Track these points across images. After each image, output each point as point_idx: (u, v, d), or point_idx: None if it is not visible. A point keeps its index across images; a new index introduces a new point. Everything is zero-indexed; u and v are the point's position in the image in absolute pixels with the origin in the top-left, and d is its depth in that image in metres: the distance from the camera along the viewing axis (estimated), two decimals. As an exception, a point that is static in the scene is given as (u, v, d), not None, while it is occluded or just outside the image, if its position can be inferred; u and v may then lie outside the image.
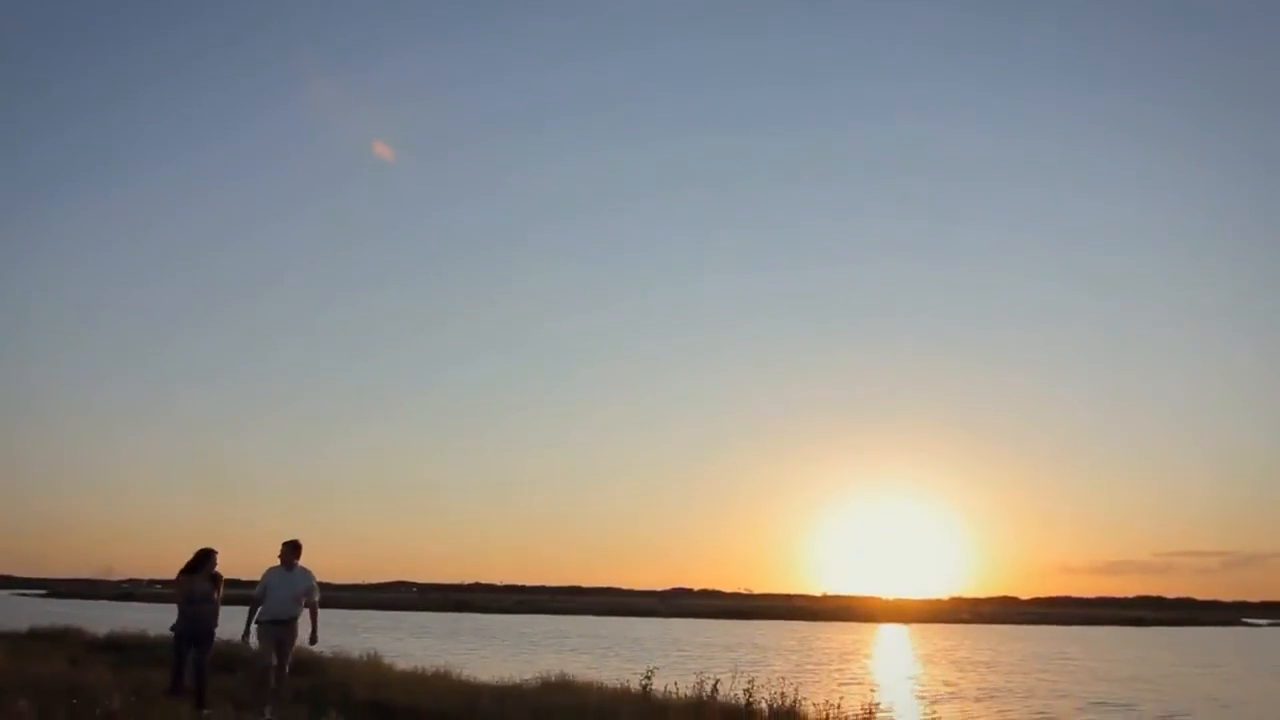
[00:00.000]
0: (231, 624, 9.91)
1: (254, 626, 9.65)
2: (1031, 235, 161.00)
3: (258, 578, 9.81)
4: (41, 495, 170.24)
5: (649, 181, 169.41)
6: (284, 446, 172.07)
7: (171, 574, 10.41)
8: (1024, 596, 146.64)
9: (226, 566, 10.12)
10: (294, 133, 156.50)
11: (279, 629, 9.56)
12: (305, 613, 9.83)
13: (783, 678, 11.37)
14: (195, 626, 9.76)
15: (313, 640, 9.89)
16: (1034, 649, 42.78)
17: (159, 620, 29.73)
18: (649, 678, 10.87)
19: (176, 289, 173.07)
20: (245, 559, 8.39)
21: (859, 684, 22.17)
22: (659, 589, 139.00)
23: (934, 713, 17.67)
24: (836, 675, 25.45)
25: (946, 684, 24.86)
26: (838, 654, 36.85)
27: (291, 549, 9.84)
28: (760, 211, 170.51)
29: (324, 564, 9.37)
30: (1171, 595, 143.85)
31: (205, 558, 9.97)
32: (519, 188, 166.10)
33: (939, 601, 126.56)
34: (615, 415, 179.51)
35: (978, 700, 20.67)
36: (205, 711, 9.19)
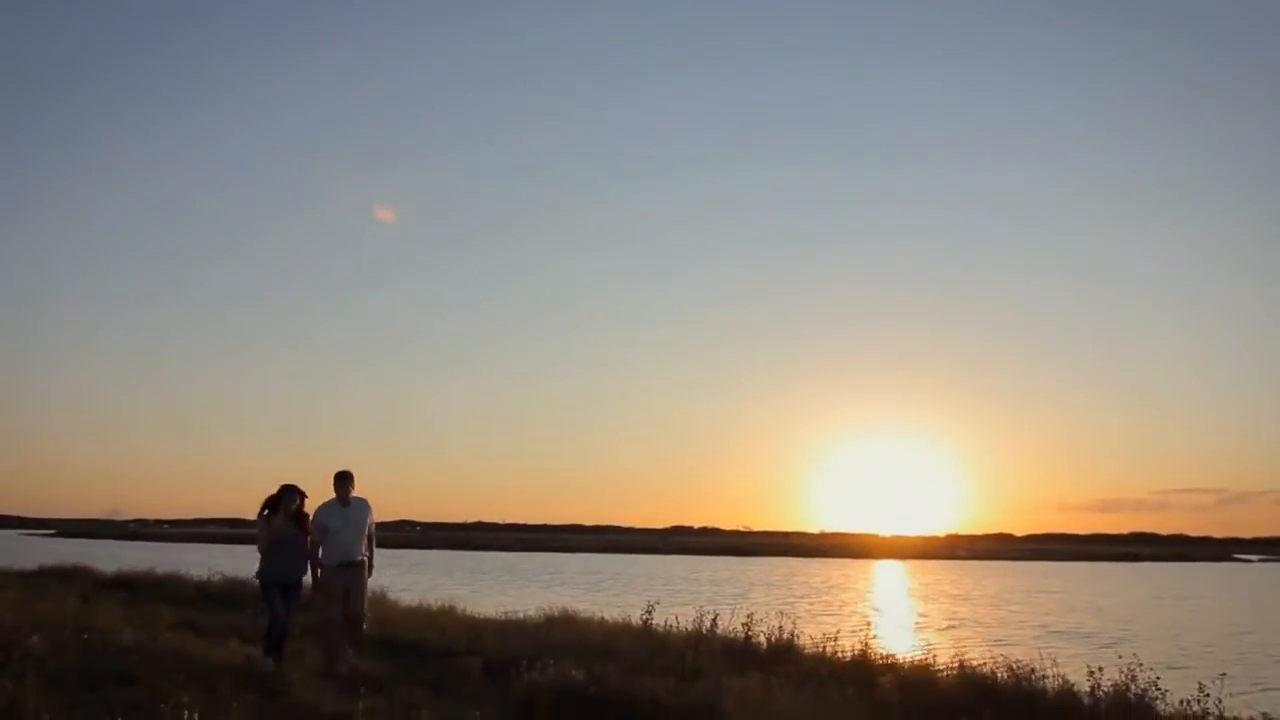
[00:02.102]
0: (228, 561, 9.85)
1: (317, 573, 8.52)
2: (1028, 179, 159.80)
3: (252, 517, 8.82)
4: (49, 437, 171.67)
5: (661, 124, 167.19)
6: (286, 386, 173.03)
7: (176, 514, 10.24)
8: (1019, 533, 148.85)
9: (226, 506, 9.83)
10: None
11: (348, 573, 8.44)
12: None
13: (780, 612, 11.56)
14: (282, 574, 8.53)
15: (367, 571, 8.74)
16: (1017, 583, 43.81)
17: (167, 559, 30.31)
18: (649, 612, 11.04)
19: (181, 232, 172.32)
20: (248, 499, 8.15)
21: (833, 617, 22.76)
22: (659, 527, 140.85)
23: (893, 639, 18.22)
24: (821, 609, 26.11)
25: (921, 615, 26.18)
26: (824, 589, 37.80)
27: (345, 481, 8.60)
28: (766, 155, 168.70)
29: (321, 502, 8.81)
30: (1165, 532, 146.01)
31: (283, 496, 8.67)
32: (528, 132, 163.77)
33: (935, 538, 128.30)
34: (617, 356, 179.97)
35: (944, 630, 21.83)
36: (270, 659, 8.30)
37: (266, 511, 8.65)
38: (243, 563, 9.99)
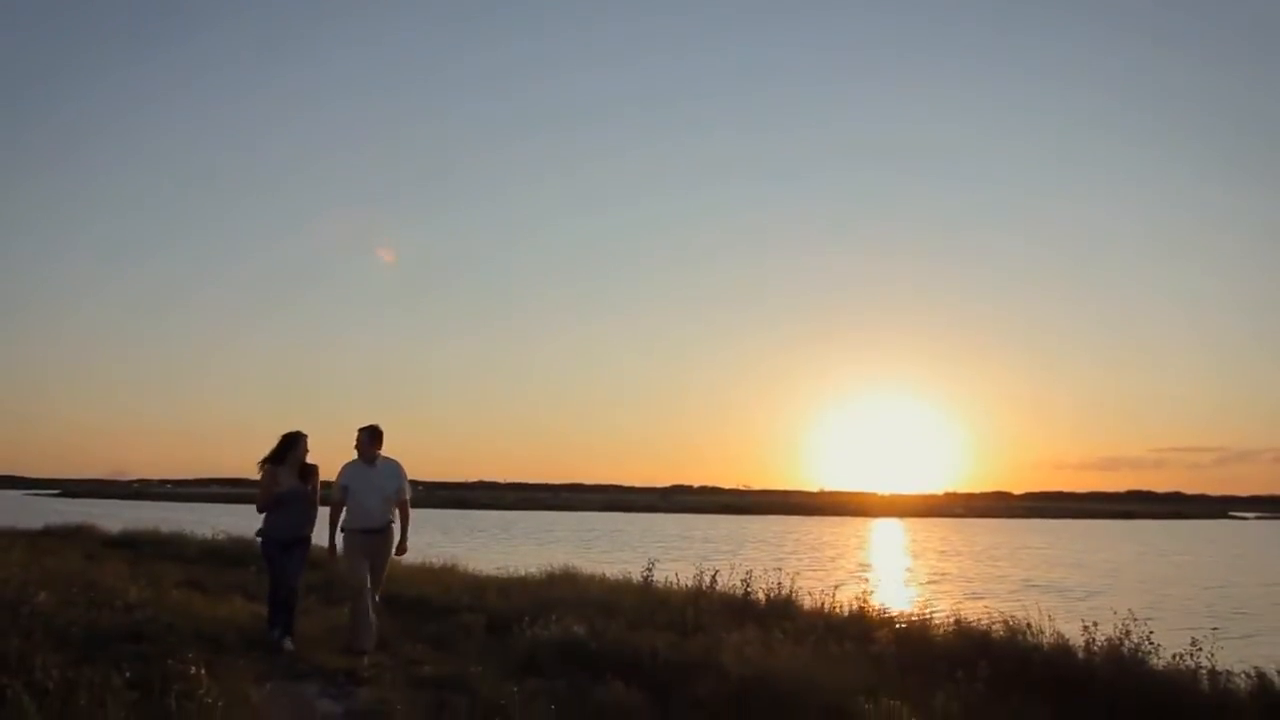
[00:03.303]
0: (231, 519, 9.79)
1: (339, 538, 7.66)
2: (1029, 133, 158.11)
3: (256, 477, 7.92)
4: (52, 398, 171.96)
5: (661, 83, 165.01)
6: (286, 344, 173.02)
7: (179, 474, 9.94)
8: (1017, 492, 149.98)
9: (229, 466, 9.40)
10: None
11: (370, 540, 7.56)
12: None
13: (779, 568, 11.66)
14: (284, 530, 7.69)
15: (400, 550, 7.80)
16: (1008, 540, 44.41)
17: (170, 518, 30.51)
18: (650, 569, 11.14)
19: (183, 187, 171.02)
20: (250, 459, 7.71)
21: (819, 572, 23.13)
22: (659, 485, 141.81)
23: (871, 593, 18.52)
24: (809, 565, 26.48)
25: (907, 570, 27.04)
26: (815, 546, 38.35)
27: (372, 437, 7.69)
28: (764, 115, 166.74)
29: (329, 463, 8.58)
30: (1163, 490, 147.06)
31: (290, 444, 7.80)
32: (529, 89, 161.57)
33: (933, 497, 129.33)
34: (617, 316, 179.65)
35: (925, 584, 22.64)
36: (287, 641, 7.52)
37: (268, 462, 7.80)
38: (246, 522, 10.02)
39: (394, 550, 7.75)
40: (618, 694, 5.88)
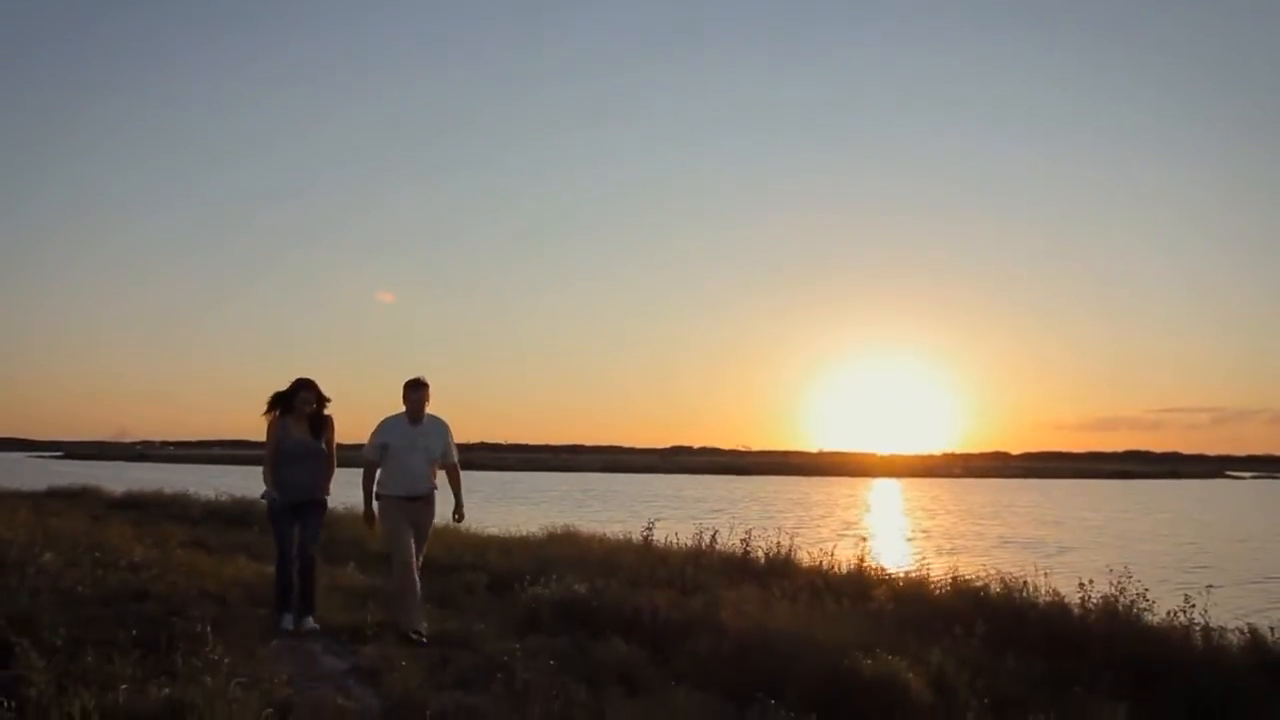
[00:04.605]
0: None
1: (375, 504, 6.81)
2: (1024, 91, 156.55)
3: (259, 439, 7.04)
4: (55, 359, 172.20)
5: (657, 41, 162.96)
6: (287, 304, 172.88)
7: (181, 436, 9.33)
8: (1015, 452, 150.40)
9: (231, 428, 8.61)
10: None
11: (414, 508, 6.69)
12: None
13: (779, 528, 11.76)
14: (295, 491, 6.65)
15: (458, 516, 6.96)
16: (997, 500, 44.88)
17: (173, 480, 30.71)
18: (650, 529, 11.23)
19: (186, 141, 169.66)
20: (253, 421, 7.51)
21: (806, 530, 23.47)
22: (659, 447, 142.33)
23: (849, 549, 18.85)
24: (794, 523, 26.85)
25: (892, 527, 27.93)
26: (808, 505, 38.73)
27: (419, 391, 6.71)
28: (764, 73, 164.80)
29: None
30: (1159, 450, 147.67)
31: (297, 391, 6.75)
32: (525, 47, 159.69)
33: (932, 457, 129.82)
34: (617, 276, 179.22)
35: (906, 540, 23.40)
36: (311, 619, 6.59)
37: (276, 411, 6.80)
38: (247, 482, 10.05)
39: (435, 519, 6.98)
40: (618, 650, 5.96)
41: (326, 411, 6.86)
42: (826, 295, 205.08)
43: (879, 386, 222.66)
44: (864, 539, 11.68)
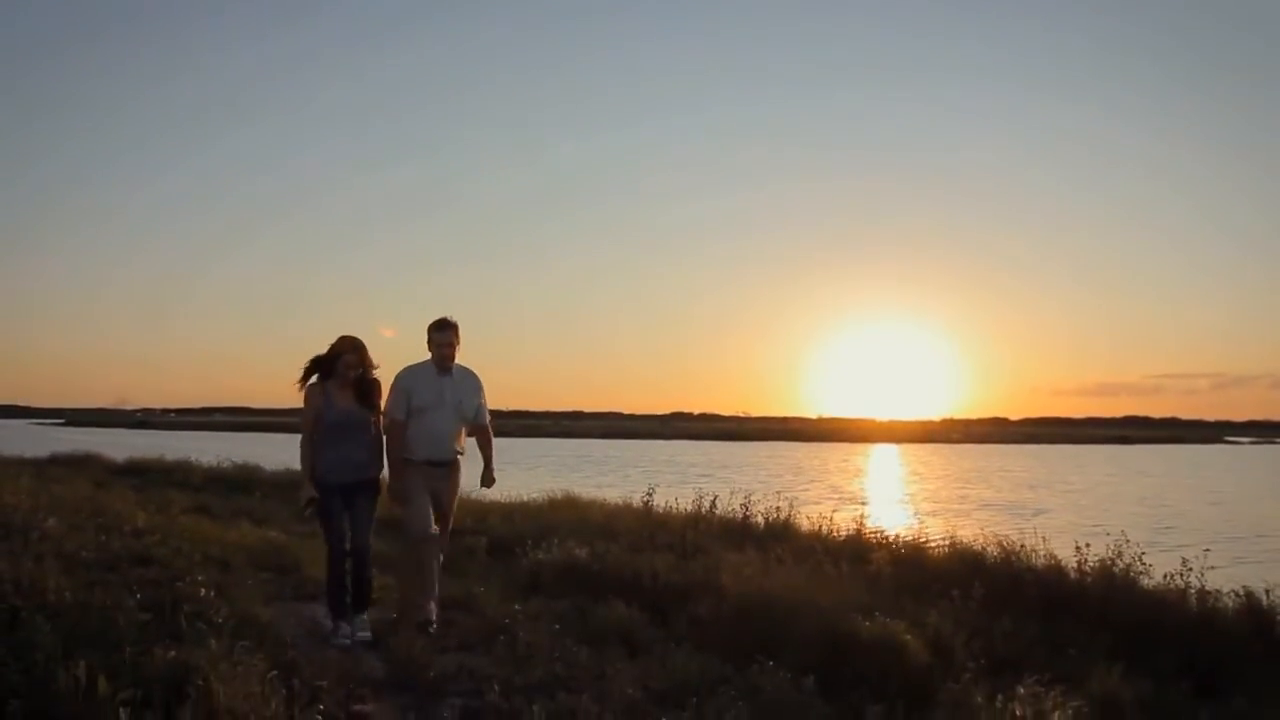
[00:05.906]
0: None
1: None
2: (1025, 54, 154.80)
3: (260, 405, 6.28)
4: (57, 328, 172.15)
5: (667, 6, 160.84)
6: (286, 269, 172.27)
7: (182, 403, 8.92)
8: (1014, 418, 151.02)
9: (232, 394, 8.44)
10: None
11: (436, 474, 5.80)
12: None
13: (778, 492, 11.83)
14: (347, 473, 5.54)
15: (487, 481, 6.06)
16: (987, 464, 45.15)
17: (175, 446, 30.77)
18: (650, 494, 11.28)
19: (186, 98, 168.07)
20: (254, 387, 7.40)
21: (794, 494, 23.72)
22: (660, 413, 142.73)
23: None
24: (784, 486, 27.08)
25: (879, 490, 28.42)
26: (800, 469, 39.00)
27: (447, 333, 5.75)
28: (770, 43, 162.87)
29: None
30: (1158, 416, 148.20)
31: (339, 354, 5.58)
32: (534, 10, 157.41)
33: (931, 423, 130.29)
34: (620, 244, 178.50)
35: (892, 504, 23.76)
36: (363, 619, 5.58)
37: (314, 377, 5.66)
38: (248, 449, 10.08)
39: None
40: (619, 613, 6.01)
41: (373, 376, 5.69)
42: (827, 262, 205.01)
43: (879, 353, 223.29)
44: (846, 503, 11.76)
